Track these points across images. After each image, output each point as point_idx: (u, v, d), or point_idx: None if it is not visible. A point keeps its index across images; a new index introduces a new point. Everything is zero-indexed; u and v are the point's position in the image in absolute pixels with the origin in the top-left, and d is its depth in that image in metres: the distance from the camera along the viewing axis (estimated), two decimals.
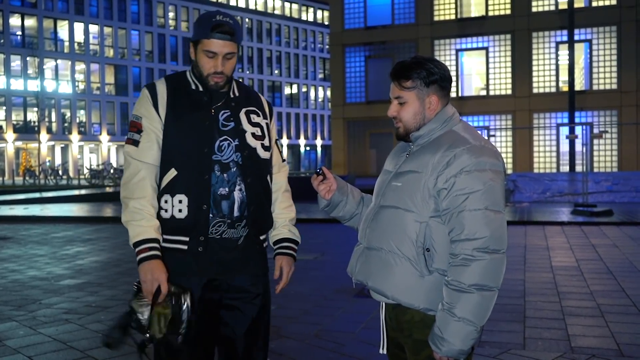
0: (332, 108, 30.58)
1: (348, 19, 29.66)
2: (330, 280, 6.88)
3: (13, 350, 4.42)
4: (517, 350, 4.27)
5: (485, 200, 1.88)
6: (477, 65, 28.45)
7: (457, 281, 1.87)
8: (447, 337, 1.87)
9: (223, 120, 2.28)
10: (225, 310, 2.31)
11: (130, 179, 2.21)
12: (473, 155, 1.91)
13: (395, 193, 2.03)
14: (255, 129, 2.34)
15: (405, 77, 2.03)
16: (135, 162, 2.22)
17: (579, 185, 17.14)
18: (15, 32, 48.49)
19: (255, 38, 64.80)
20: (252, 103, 2.40)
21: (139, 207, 2.17)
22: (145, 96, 2.27)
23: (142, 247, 2.15)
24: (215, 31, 2.19)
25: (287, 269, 2.43)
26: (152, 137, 2.23)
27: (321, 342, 4.53)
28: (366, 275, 2.08)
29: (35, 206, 18.60)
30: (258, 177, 2.32)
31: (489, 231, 1.86)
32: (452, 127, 2.04)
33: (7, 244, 10.55)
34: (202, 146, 2.22)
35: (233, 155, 2.27)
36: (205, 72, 2.24)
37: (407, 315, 2.02)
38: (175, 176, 2.21)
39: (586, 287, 6.31)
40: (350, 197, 2.27)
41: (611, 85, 25.74)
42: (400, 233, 1.98)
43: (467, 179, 1.89)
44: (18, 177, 43.82)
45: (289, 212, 2.49)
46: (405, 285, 1.97)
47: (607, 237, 10.22)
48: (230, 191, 2.25)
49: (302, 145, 68.60)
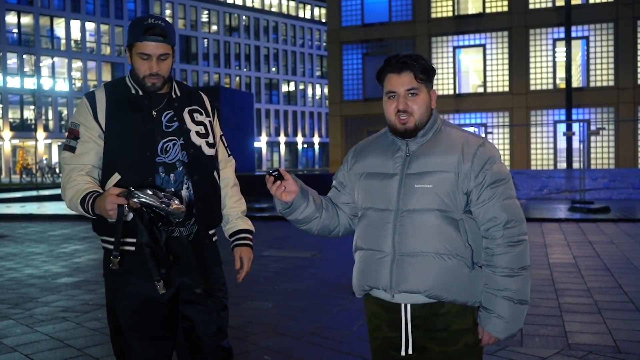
0: (330, 105, 30.54)
1: (345, 16, 29.61)
2: (327, 277, 6.87)
3: (10, 349, 4.41)
4: (514, 347, 4.27)
5: (512, 189, 2.03)
6: (474, 62, 28.43)
7: (508, 267, 1.98)
8: (511, 321, 1.99)
9: (166, 122, 2.34)
10: (184, 305, 2.36)
11: (67, 182, 2.26)
12: (492, 149, 2.04)
13: (426, 195, 1.98)
14: (199, 127, 2.40)
15: (422, 68, 2.01)
16: (69, 167, 2.28)
17: (576, 182, 17.16)
18: (12, 29, 48.33)
19: (252, 35, 64.70)
20: (194, 102, 2.46)
21: (74, 185, 2.22)
22: (83, 105, 2.32)
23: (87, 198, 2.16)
24: (147, 34, 2.25)
25: (247, 258, 2.49)
26: (89, 144, 2.28)
27: (319, 339, 4.53)
28: (399, 282, 1.99)
29: (32, 204, 18.56)
30: (204, 174, 2.38)
31: (522, 216, 2.02)
32: (443, 123, 2.10)
33: (4, 242, 10.53)
34: (145, 149, 2.27)
35: (179, 155, 2.32)
36: (142, 75, 2.29)
37: (443, 309, 2.01)
38: (119, 180, 2.26)
39: (583, 284, 6.32)
40: (311, 200, 2.12)
41: (608, 82, 25.75)
42: (445, 234, 1.97)
43: (496, 171, 2.00)
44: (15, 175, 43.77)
45: (239, 205, 2.57)
46: (461, 284, 1.99)
47: (605, 234, 10.23)
48: (177, 190, 2.30)
49: (299, 142, 68.56)
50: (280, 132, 66.55)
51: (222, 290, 2.43)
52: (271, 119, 65.72)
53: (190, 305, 2.36)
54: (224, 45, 62.15)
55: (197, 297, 2.36)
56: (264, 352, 4.23)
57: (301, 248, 9.19)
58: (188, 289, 2.34)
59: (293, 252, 8.76)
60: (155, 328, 2.31)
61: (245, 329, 4.82)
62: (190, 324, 2.36)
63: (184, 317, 2.37)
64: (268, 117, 65.44)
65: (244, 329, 4.80)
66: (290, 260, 8.14)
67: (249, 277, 6.96)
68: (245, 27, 64.28)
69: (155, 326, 2.31)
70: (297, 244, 9.68)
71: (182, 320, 2.38)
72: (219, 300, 2.41)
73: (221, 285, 2.44)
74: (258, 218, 13.77)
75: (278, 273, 7.26)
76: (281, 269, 7.50)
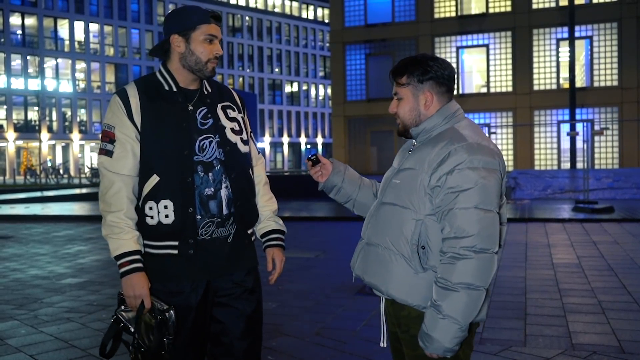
0: (333, 106, 30.56)
1: (348, 16, 29.61)
2: (331, 278, 6.88)
3: (15, 349, 4.43)
4: (518, 347, 4.27)
5: (476, 198, 1.87)
6: (477, 62, 28.41)
7: (445, 279, 1.87)
8: (434, 334, 1.87)
9: (201, 119, 2.26)
10: (218, 309, 2.30)
11: (106, 192, 2.19)
12: (467, 153, 1.91)
13: (394, 190, 2.05)
14: (233, 124, 2.34)
15: (400, 73, 2.08)
16: (109, 174, 2.19)
17: (580, 182, 17.13)
18: (16, 31, 48.47)
19: (255, 36, 64.74)
20: (225, 98, 2.39)
21: (117, 220, 2.16)
22: (116, 104, 2.21)
23: (123, 261, 2.17)
24: (212, 15, 2.24)
25: (279, 260, 2.45)
26: (126, 146, 2.19)
27: (322, 340, 4.53)
28: (364, 270, 2.12)
29: (37, 205, 18.60)
30: (241, 172, 2.32)
31: (476, 230, 1.85)
32: (455, 124, 2.04)
33: (9, 243, 10.56)
34: (182, 149, 2.19)
35: (216, 153, 2.26)
36: (206, 58, 2.22)
37: (404, 311, 2.04)
38: (157, 182, 2.18)
39: (587, 284, 6.31)
40: (345, 184, 2.31)
41: (612, 82, 25.70)
42: (396, 230, 2.00)
43: (458, 177, 1.89)
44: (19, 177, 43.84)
45: (271, 204, 2.50)
46: (400, 282, 1.99)
47: (608, 234, 10.21)
48: (217, 190, 2.24)
49: (302, 143, 68.58)
50: (284, 132, 66.56)
51: (257, 292, 2.37)
52: (274, 119, 65.76)
53: (224, 308, 2.29)
54: (227, 46, 62.20)
55: (231, 300, 2.29)
56: (268, 353, 4.23)
57: (305, 248, 9.19)
58: (222, 292, 2.28)
59: (297, 253, 8.77)
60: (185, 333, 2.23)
61: None
62: (222, 326, 2.29)
63: (216, 321, 2.30)
64: (271, 118, 65.48)
65: None
66: (294, 260, 8.15)
67: None
68: (249, 28, 64.32)
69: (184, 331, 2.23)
70: (301, 244, 9.68)
71: (213, 323, 2.31)
72: (255, 302, 2.34)
73: (257, 287, 2.38)
74: None
75: (282, 274, 7.25)
76: (285, 270, 7.46)
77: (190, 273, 2.22)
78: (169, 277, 2.21)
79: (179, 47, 2.23)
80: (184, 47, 2.22)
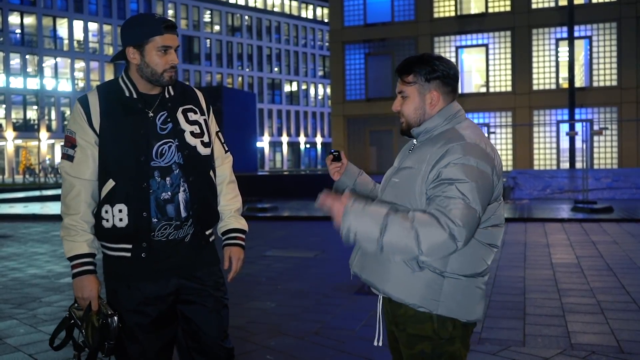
0: (332, 105, 30.55)
1: (348, 16, 29.61)
2: (330, 277, 6.88)
3: (13, 348, 4.43)
4: (517, 347, 4.27)
5: (465, 192, 1.86)
6: (477, 62, 28.41)
7: (416, 219, 1.83)
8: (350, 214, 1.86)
9: (161, 124, 2.29)
10: (183, 306, 2.36)
11: (66, 195, 2.27)
12: (463, 151, 1.92)
13: (393, 189, 2.06)
14: (193, 127, 2.35)
15: (407, 71, 2.07)
16: (70, 178, 2.26)
17: (579, 182, 17.13)
18: (15, 30, 48.44)
19: (254, 35, 64.72)
20: (188, 101, 2.40)
21: (73, 223, 2.25)
22: (77, 111, 2.28)
23: (75, 263, 2.26)
24: (165, 26, 2.22)
25: (236, 258, 2.47)
26: (86, 152, 2.25)
27: (321, 339, 4.53)
28: (361, 267, 2.12)
29: (35, 204, 18.60)
30: (200, 175, 2.35)
31: (458, 218, 1.82)
32: (456, 124, 2.04)
33: (7, 242, 10.56)
34: (139, 155, 2.23)
35: (175, 157, 2.28)
36: (161, 69, 2.24)
37: (401, 310, 2.04)
38: (113, 187, 2.24)
39: (586, 284, 6.32)
40: (357, 186, 2.35)
41: (611, 82, 25.71)
42: None
43: (453, 170, 1.89)
44: (18, 176, 43.86)
45: (233, 203, 2.52)
46: (396, 280, 1.99)
47: (607, 233, 10.22)
48: (174, 194, 2.28)
49: (302, 142, 68.58)
50: (283, 132, 66.55)
51: (221, 290, 2.41)
52: (274, 119, 65.75)
53: (190, 305, 2.35)
54: (226, 45, 62.19)
55: (196, 297, 2.35)
56: (266, 352, 4.23)
57: (304, 248, 9.20)
58: (186, 290, 2.34)
59: (296, 252, 8.77)
60: (153, 323, 2.31)
61: (248, 328, 4.83)
62: (190, 324, 2.36)
63: (184, 318, 2.37)
64: (270, 117, 65.47)
65: (246, 329, 4.80)
66: (293, 260, 8.15)
67: (252, 277, 6.97)
68: (248, 27, 64.31)
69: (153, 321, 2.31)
70: (300, 243, 9.68)
71: (182, 321, 2.37)
72: (218, 300, 2.39)
73: (220, 285, 2.42)
74: (261, 218, 13.78)
75: (281, 273, 7.26)
76: (284, 269, 7.50)
77: (144, 275, 2.28)
78: (124, 277, 2.29)
79: (134, 59, 2.25)
80: (139, 59, 2.25)
